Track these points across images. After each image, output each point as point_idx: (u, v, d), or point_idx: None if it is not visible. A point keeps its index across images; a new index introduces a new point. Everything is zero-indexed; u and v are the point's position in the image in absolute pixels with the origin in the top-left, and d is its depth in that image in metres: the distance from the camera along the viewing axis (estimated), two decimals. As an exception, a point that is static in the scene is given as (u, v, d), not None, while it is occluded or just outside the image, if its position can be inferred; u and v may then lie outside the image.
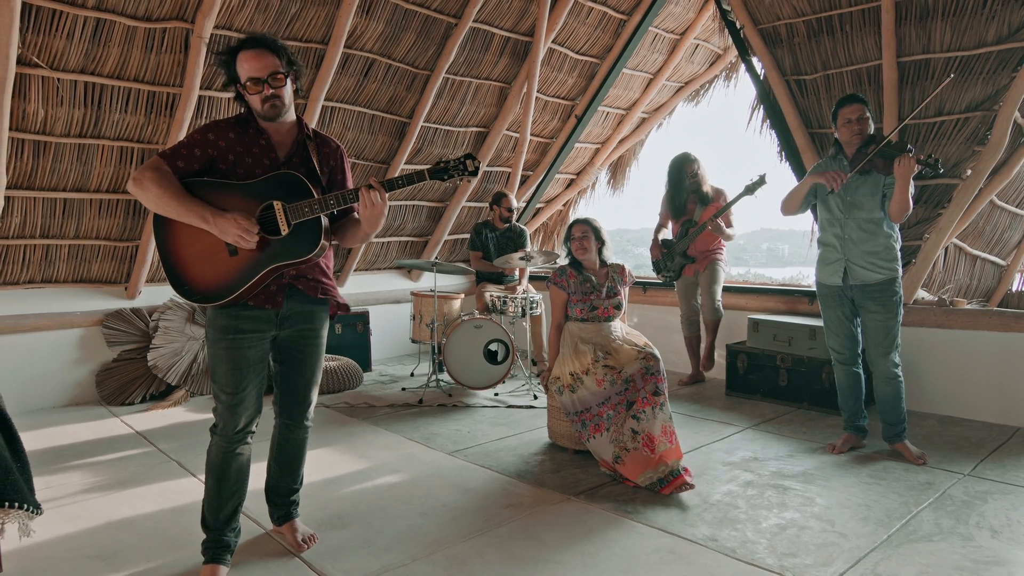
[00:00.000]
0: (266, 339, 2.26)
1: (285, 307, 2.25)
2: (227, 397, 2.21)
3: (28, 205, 4.29)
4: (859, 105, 3.31)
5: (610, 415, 3.23)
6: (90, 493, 3.04)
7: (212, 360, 2.23)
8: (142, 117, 4.33)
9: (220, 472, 2.27)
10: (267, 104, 2.16)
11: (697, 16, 6.26)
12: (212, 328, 2.22)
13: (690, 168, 4.85)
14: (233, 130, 2.22)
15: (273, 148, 2.24)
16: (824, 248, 3.51)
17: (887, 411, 3.41)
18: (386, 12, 4.85)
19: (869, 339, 3.41)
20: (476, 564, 2.36)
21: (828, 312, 3.52)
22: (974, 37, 4.01)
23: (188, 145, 2.16)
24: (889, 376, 3.37)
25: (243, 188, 2.17)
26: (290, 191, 2.16)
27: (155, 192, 2.07)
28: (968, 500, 2.85)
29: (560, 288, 3.58)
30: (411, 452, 3.59)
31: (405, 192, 5.99)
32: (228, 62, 2.18)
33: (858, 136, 3.31)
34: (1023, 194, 4.50)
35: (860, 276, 3.34)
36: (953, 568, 2.30)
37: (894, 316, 3.32)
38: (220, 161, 2.18)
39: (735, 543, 2.50)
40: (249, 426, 2.28)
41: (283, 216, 2.14)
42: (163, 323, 4.80)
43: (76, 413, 4.38)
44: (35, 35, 3.76)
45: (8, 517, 2.25)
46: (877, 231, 3.32)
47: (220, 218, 2.07)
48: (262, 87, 2.13)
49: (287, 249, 2.16)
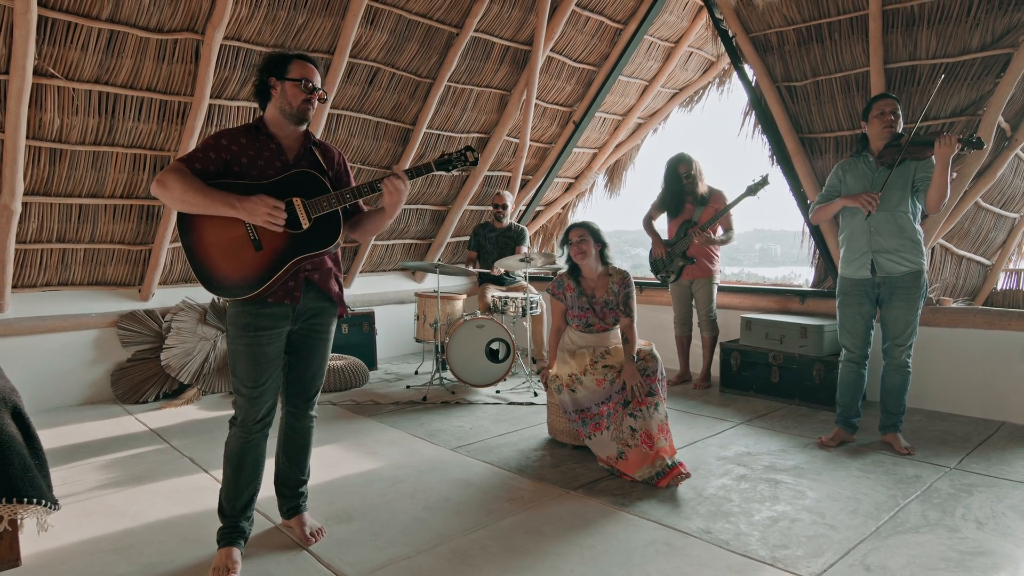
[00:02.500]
0: (283, 335, 2.31)
1: (301, 303, 2.30)
2: (248, 391, 2.25)
3: (45, 211, 4.30)
4: (892, 100, 3.34)
5: (609, 413, 3.23)
6: (106, 489, 3.05)
7: (233, 356, 2.26)
8: (154, 125, 4.34)
9: (239, 461, 2.30)
10: (305, 104, 2.26)
11: (691, 25, 6.26)
12: (233, 326, 2.25)
13: (682, 168, 4.79)
14: (244, 136, 2.27)
15: (283, 152, 2.30)
16: (849, 242, 3.44)
17: (891, 400, 3.40)
18: (390, 23, 4.86)
19: (888, 331, 3.37)
20: (479, 557, 2.36)
21: (847, 310, 3.47)
22: (959, 44, 4.01)
23: (204, 149, 2.21)
24: (900, 365, 3.35)
25: (262, 188, 2.20)
26: (307, 188, 2.24)
27: (179, 188, 2.10)
28: (954, 493, 2.86)
29: (558, 300, 3.54)
30: (415, 448, 3.59)
31: (410, 195, 6.00)
32: (280, 63, 2.26)
33: (889, 128, 3.30)
34: (1007, 196, 4.49)
35: (888, 268, 3.31)
36: (940, 559, 2.30)
37: (915, 310, 3.30)
38: (234, 164, 2.22)
39: (728, 535, 2.50)
40: (267, 417, 2.32)
41: (303, 211, 2.21)
42: (175, 324, 4.81)
43: (92, 411, 4.39)
44: (51, 47, 3.76)
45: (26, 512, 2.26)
46: (905, 224, 3.28)
47: (247, 201, 2.11)
48: (310, 92, 2.26)
49: (309, 241, 2.23)
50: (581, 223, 3.53)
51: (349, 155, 5.41)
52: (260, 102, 2.33)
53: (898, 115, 3.32)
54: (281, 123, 2.30)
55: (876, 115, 3.33)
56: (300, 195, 2.22)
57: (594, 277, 3.48)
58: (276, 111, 2.29)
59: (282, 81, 2.25)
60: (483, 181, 6.35)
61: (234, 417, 2.32)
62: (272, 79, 2.27)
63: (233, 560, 2.26)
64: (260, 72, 2.29)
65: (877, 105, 3.35)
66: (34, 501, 2.26)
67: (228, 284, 2.19)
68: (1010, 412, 3.88)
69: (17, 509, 2.24)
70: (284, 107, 2.27)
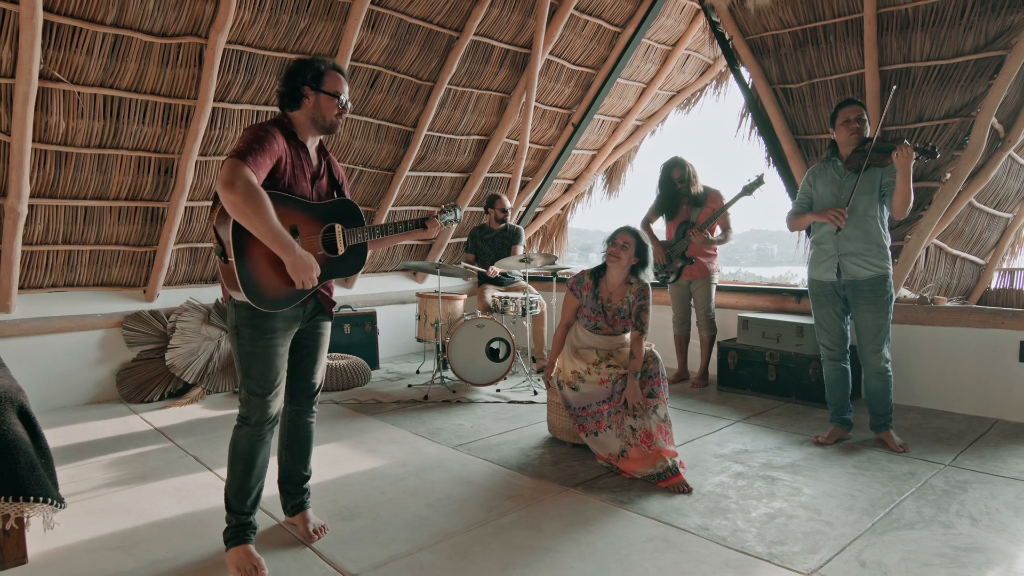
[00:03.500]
0: (292, 335, 2.34)
1: (311, 304, 2.36)
2: (264, 391, 2.25)
3: (51, 213, 4.31)
4: (857, 107, 3.33)
5: (610, 412, 3.22)
6: (111, 487, 3.05)
7: (247, 358, 2.22)
8: (159, 128, 4.34)
9: (250, 459, 2.29)
10: (337, 118, 2.30)
11: (688, 28, 6.27)
12: (250, 328, 2.20)
13: (676, 173, 4.78)
14: (285, 139, 2.24)
15: (310, 161, 2.32)
16: (818, 245, 3.47)
17: (876, 403, 3.41)
18: (391, 26, 4.86)
19: (861, 336, 3.39)
20: (479, 553, 2.36)
21: (820, 309, 3.50)
22: (952, 47, 4.01)
23: (263, 152, 2.09)
24: (879, 371, 3.36)
25: (310, 209, 2.26)
26: (349, 216, 2.36)
27: (250, 208, 1.98)
28: (948, 489, 2.85)
29: (575, 296, 3.47)
30: (417, 446, 3.59)
31: (411, 197, 6.01)
32: (317, 73, 2.25)
33: (856, 135, 3.31)
34: (1000, 196, 4.50)
35: (852, 273, 3.32)
36: (934, 555, 2.30)
37: (885, 314, 3.31)
38: (277, 168, 2.19)
39: (726, 532, 2.50)
40: (278, 415, 2.35)
41: (342, 239, 2.32)
42: (180, 324, 4.81)
43: (98, 411, 4.39)
44: (56, 51, 3.77)
45: (33, 510, 2.26)
46: (871, 229, 3.29)
47: (300, 259, 2.11)
48: (345, 108, 2.31)
49: (340, 267, 2.35)
50: (632, 230, 3.36)
51: (351, 157, 5.42)
52: (286, 105, 2.26)
53: (863, 121, 3.31)
54: (308, 131, 2.29)
55: (842, 123, 3.34)
56: (342, 221, 2.32)
57: (616, 284, 3.40)
58: (306, 119, 2.26)
59: (317, 92, 2.23)
60: (483, 183, 6.35)
61: (246, 417, 2.28)
62: (307, 88, 2.23)
63: (256, 558, 2.25)
64: (292, 77, 2.23)
65: (842, 113, 3.35)
66: (40, 499, 2.26)
67: (267, 296, 2.15)
68: (1004, 410, 3.88)
69: (23, 507, 2.24)
70: (317, 118, 2.26)
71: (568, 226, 7.73)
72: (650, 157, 7.12)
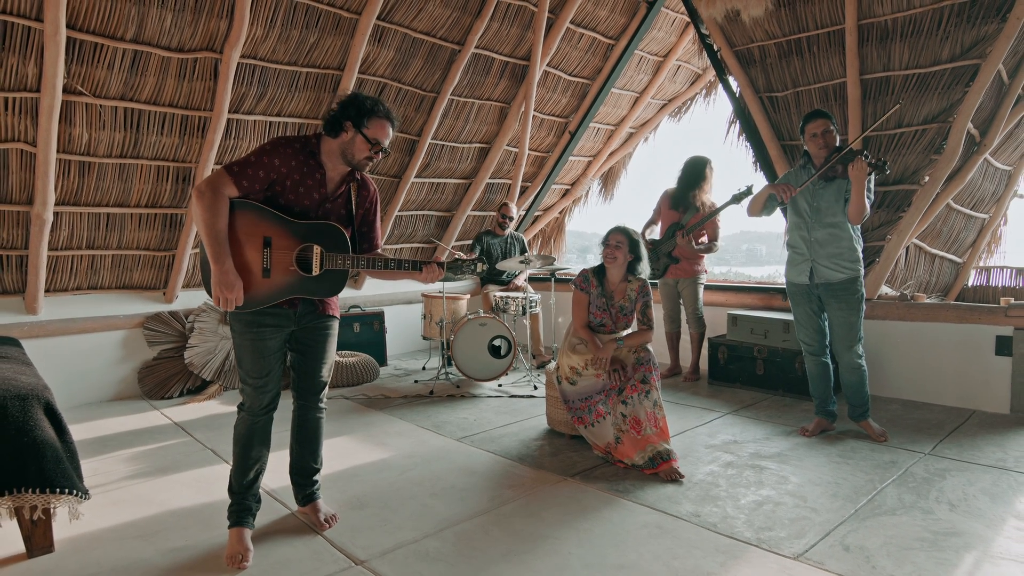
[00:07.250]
0: (285, 332, 2.33)
1: (300, 308, 2.34)
2: (254, 381, 2.30)
3: (75, 219, 4.32)
4: (823, 120, 3.31)
5: (606, 402, 3.23)
6: (133, 479, 3.06)
7: (239, 351, 2.30)
8: (176, 139, 4.34)
9: (246, 442, 2.34)
10: (366, 160, 2.27)
11: (678, 40, 6.27)
12: (238, 323, 2.28)
13: (708, 172, 4.68)
14: (297, 157, 2.21)
15: (325, 184, 2.28)
16: (792, 250, 3.48)
17: (852, 395, 3.42)
18: (396, 40, 4.86)
19: (834, 334, 3.40)
20: (482, 540, 2.37)
21: (797, 308, 3.51)
22: (930, 56, 4.00)
23: (255, 166, 2.15)
24: (853, 367, 3.36)
25: (290, 225, 2.21)
26: (331, 240, 2.25)
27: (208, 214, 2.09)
28: (928, 477, 2.85)
29: (583, 291, 3.39)
30: (423, 439, 3.59)
31: (416, 202, 6.01)
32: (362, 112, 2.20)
33: (824, 148, 3.31)
34: (976, 198, 4.49)
35: (825, 276, 3.33)
36: (915, 539, 2.30)
37: (856, 312, 3.31)
38: (279, 183, 2.20)
39: (716, 518, 2.50)
40: (272, 404, 2.36)
41: (318, 260, 2.24)
42: (198, 324, 4.81)
43: (120, 407, 4.40)
44: (79, 66, 3.77)
45: (59, 501, 2.27)
46: (840, 234, 3.29)
47: (225, 274, 2.11)
48: (379, 153, 2.25)
49: (312, 287, 2.27)
50: (623, 229, 3.33)
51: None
52: (327, 129, 2.24)
53: (831, 131, 3.30)
54: (335, 159, 2.26)
55: (810, 137, 3.34)
56: (323, 243, 2.23)
57: (615, 283, 3.39)
58: (337, 149, 2.24)
59: (357, 131, 2.20)
60: (484, 188, 6.35)
61: (242, 403, 2.36)
62: (348, 123, 2.20)
63: (245, 546, 2.27)
64: (343, 107, 2.21)
65: (808, 128, 3.33)
66: (66, 491, 2.28)
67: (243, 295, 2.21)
68: (981, 401, 3.88)
69: (50, 499, 2.25)
70: (346, 152, 2.24)
71: (566, 229, 7.74)
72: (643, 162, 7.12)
